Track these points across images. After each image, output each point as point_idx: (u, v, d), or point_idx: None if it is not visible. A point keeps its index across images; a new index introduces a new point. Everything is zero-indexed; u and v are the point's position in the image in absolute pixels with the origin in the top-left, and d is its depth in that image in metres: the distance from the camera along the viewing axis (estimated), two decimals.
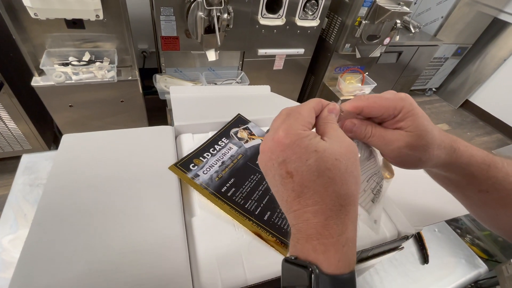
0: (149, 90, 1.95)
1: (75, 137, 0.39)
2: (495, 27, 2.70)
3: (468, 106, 3.11)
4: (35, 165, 0.65)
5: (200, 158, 0.43)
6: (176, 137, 0.47)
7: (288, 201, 0.23)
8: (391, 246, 0.40)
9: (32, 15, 0.96)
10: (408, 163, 0.28)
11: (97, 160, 0.37)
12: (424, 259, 0.63)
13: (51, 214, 0.30)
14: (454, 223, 1.63)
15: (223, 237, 0.34)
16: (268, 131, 0.26)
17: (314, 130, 0.26)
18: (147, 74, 1.76)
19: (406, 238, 0.39)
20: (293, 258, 0.22)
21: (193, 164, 0.41)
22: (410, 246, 0.66)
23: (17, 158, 1.62)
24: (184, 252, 0.31)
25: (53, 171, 0.34)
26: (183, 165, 0.41)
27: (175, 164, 0.40)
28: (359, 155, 0.29)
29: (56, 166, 0.35)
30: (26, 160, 0.65)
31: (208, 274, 0.30)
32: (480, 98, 3.00)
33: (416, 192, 0.42)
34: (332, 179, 0.21)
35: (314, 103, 0.26)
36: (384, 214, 0.40)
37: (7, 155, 1.48)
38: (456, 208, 0.41)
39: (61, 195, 0.32)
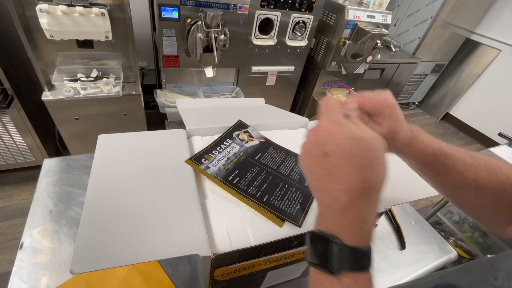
0: (147, 105, 2.04)
1: (108, 137, 0.48)
2: (468, 46, 2.96)
3: (449, 118, 3.31)
4: (55, 168, 0.72)
5: (210, 154, 0.52)
6: (188, 139, 0.56)
7: (321, 179, 0.26)
8: None
9: (48, 37, 1.06)
10: None
11: (129, 155, 0.46)
12: (402, 245, 0.72)
13: (99, 195, 0.38)
14: (438, 226, 1.73)
15: (231, 213, 0.43)
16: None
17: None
18: (146, 90, 1.87)
19: (378, 215, 0.48)
20: (318, 231, 0.25)
21: (204, 159, 0.50)
22: (389, 234, 0.75)
23: (19, 170, 1.67)
24: (201, 222, 0.39)
25: (95, 163, 0.43)
26: (197, 159, 0.50)
27: (190, 158, 0.49)
28: None
29: (97, 159, 0.43)
30: (47, 164, 0.72)
31: (221, 238, 0.39)
32: (459, 111, 3.21)
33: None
34: (361, 165, 0.25)
35: (338, 100, 0.32)
36: None
37: (9, 167, 1.53)
38: (419, 191, 0.51)
39: (104, 181, 0.40)
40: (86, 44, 1.22)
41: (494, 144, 2.80)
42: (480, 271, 0.28)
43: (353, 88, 2.18)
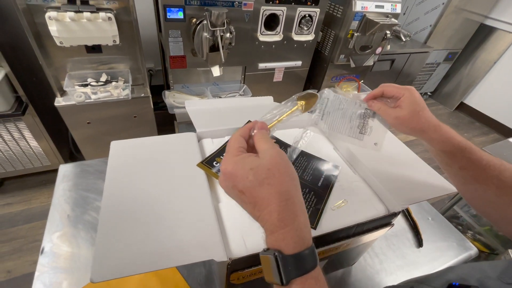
0: (156, 106, 2.06)
1: (120, 143, 0.48)
2: (482, 32, 2.84)
3: (463, 108, 3.21)
4: (70, 174, 0.74)
5: (221, 157, 0.52)
6: (198, 141, 0.56)
7: (249, 210, 0.30)
8: (382, 222, 0.47)
9: (58, 43, 1.08)
10: (404, 123, 0.42)
11: (141, 161, 0.46)
12: (419, 243, 0.71)
13: (114, 202, 0.39)
14: (455, 220, 1.69)
15: (245, 216, 0.42)
16: None
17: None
18: (154, 91, 1.88)
19: (394, 214, 0.47)
20: (264, 249, 0.28)
21: (215, 162, 0.50)
22: (405, 232, 0.73)
23: (36, 174, 1.72)
24: (216, 227, 0.39)
25: (109, 170, 0.43)
26: (208, 162, 0.50)
27: (202, 162, 0.49)
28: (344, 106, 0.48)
29: (110, 166, 0.44)
30: (63, 169, 0.74)
31: (236, 242, 0.38)
32: (474, 100, 3.11)
33: (402, 177, 0.50)
34: (271, 184, 0.27)
35: (240, 131, 0.34)
36: (375, 195, 0.48)
37: (27, 171, 1.58)
38: (435, 190, 0.49)
39: (119, 188, 0.41)
40: (95, 49, 1.24)
41: None
42: (494, 271, 0.29)
43: (362, 81, 2.13)
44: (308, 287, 0.25)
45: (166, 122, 2.00)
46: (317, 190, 0.48)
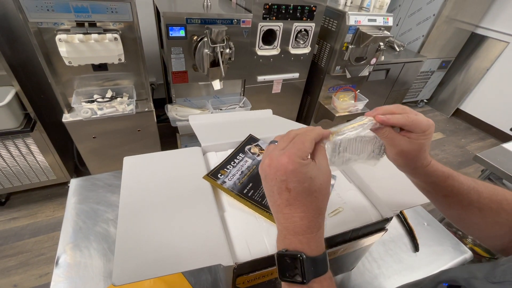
0: (158, 118, 2.11)
1: (132, 159, 0.52)
2: (474, 41, 2.92)
3: (459, 114, 3.26)
4: (80, 188, 0.77)
5: (225, 169, 0.56)
6: (203, 155, 0.60)
7: (280, 205, 0.31)
8: (376, 227, 0.51)
9: (67, 63, 1.13)
10: (402, 157, 0.39)
11: (152, 175, 0.50)
12: (415, 248, 0.73)
13: (129, 212, 0.43)
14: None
15: (249, 224, 0.46)
16: (271, 142, 0.35)
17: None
18: (156, 104, 1.93)
19: (387, 220, 0.50)
20: (284, 250, 0.31)
21: (220, 174, 0.54)
22: (402, 237, 0.76)
23: (41, 188, 1.74)
24: (222, 234, 0.43)
25: (123, 183, 0.47)
26: (213, 175, 0.54)
27: (207, 174, 0.53)
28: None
29: (124, 179, 0.48)
30: (74, 184, 0.78)
31: (240, 248, 0.42)
32: (470, 106, 3.16)
33: (394, 184, 0.54)
34: (316, 198, 0.31)
35: (315, 135, 0.33)
36: (369, 202, 0.52)
37: (33, 186, 1.61)
38: (425, 197, 0.53)
39: (133, 199, 0.45)
40: (101, 67, 1.30)
41: (510, 138, 2.74)
42: (481, 272, 0.31)
43: (358, 90, 2.19)
44: (325, 285, 0.29)
45: (169, 135, 2.05)
46: None
